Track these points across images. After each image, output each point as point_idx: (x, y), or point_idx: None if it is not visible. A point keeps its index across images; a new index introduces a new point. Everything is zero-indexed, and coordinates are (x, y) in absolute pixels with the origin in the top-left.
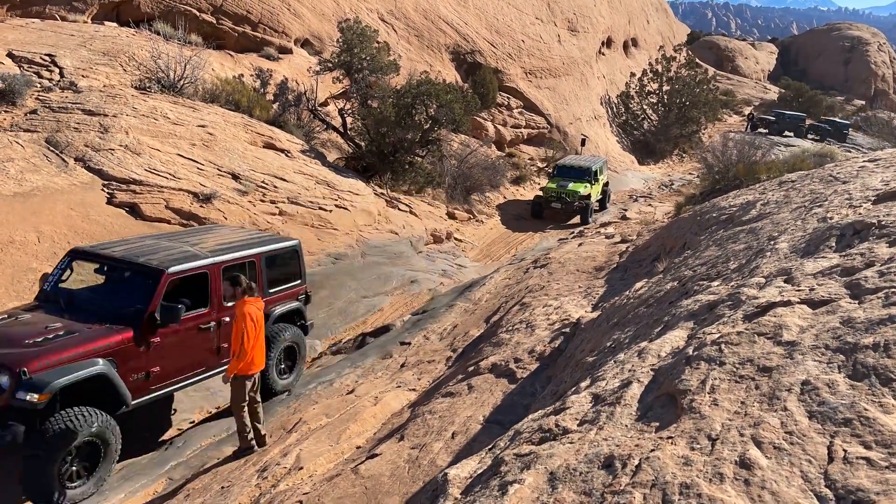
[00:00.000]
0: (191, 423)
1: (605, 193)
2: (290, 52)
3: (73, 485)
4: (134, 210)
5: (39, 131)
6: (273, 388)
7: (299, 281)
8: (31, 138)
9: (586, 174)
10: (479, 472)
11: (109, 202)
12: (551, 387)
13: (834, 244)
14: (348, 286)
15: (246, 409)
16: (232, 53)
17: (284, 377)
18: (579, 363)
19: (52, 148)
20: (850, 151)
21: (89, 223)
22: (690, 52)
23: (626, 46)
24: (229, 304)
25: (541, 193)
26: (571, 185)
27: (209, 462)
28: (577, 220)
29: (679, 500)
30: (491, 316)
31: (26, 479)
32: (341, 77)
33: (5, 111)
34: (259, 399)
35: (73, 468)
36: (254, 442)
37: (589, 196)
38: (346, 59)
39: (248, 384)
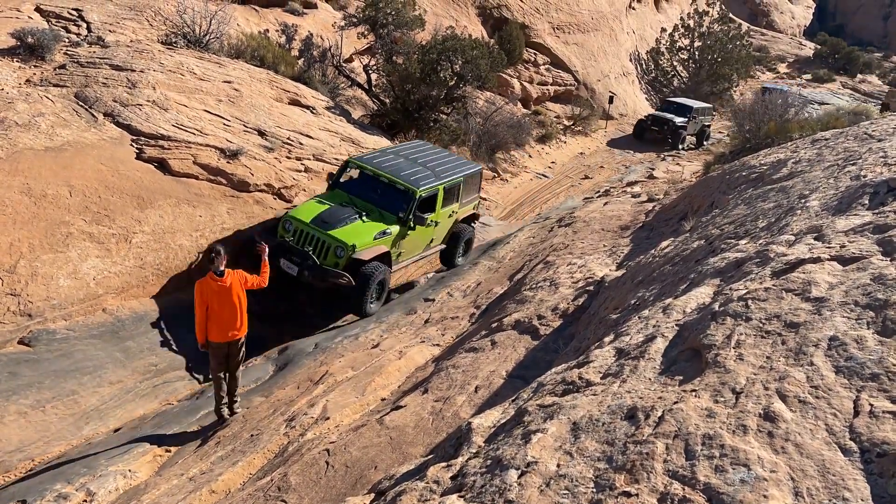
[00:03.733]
0: None
1: (458, 240)
2: (314, 6)
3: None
4: (163, 165)
5: (69, 86)
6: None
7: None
8: (60, 93)
9: (402, 200)
10: (503, 421)
11: (139, 157)
12: (574, 343)
13: (867, 202)
14: None
15: (220, 376)
16: (257, 8)
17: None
18: (603, 320)
19: (81, 103)
20: None
21: (119, 178)
22: (724, 7)
23: (657, 1)
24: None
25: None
26: (335, 231)
27: (239, 411)
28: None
29: (701, 450)
30: (515, 274)
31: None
32: (366, 32)
33: (35, 66)
34: (238, 375)
35: None
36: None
37: (383, 263)
38: (370, 14)
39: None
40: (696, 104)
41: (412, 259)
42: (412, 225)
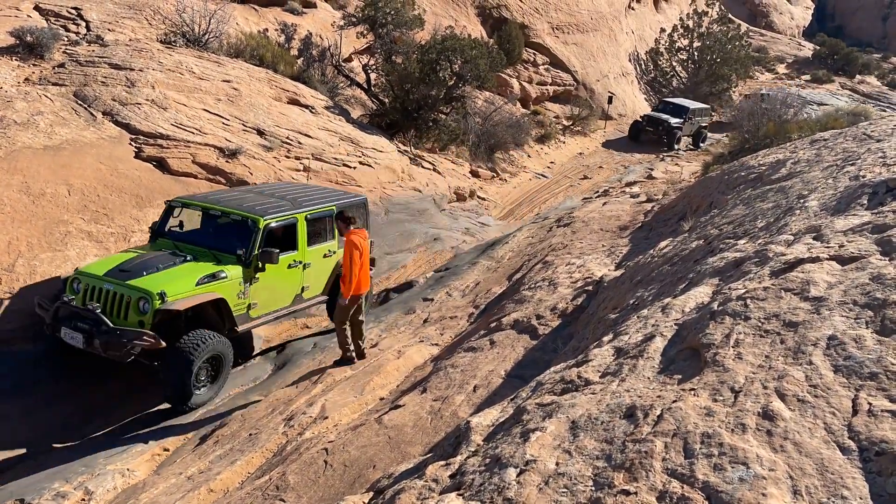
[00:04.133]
0: None
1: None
2: (314, 6)
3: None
4: (161, 164)
5: (67, 85)
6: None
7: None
8: (59, 92)
9: (242, 234)
10: (502, 420)
11: (137, 156)
12: (573, 343)
13: (866, 202)
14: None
15: (348, 326)
16: (256, 7)
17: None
18: (602, 320)
19: (80, 102)
20: (884, 110)
21: (118, 177)
22: (723, 7)
23: (656, 1)
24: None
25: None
26: (137, 280)
27: (236, 410)
28: None
29: (700, 448)
30: (513, 273)
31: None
32: (365, 32)
33: (34, 65)
34: (363, 318)
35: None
36: (353, 354)
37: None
38: (370, 14)
39: (353, 305)
40: (692, 105)
41: (278, 312)
42: (260, 265)
